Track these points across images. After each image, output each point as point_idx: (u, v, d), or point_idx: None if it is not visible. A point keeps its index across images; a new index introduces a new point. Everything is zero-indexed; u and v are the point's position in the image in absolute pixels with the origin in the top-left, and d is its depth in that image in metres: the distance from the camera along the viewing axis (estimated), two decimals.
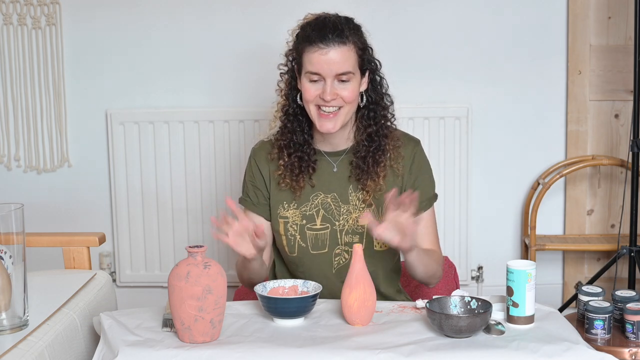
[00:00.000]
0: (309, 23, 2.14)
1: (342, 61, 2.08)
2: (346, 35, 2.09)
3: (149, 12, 3.52)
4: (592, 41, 3.49)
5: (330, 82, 2.09)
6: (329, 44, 2.07)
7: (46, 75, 3.54)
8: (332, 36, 2.07)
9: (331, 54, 2.07)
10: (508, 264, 1.91)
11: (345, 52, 2.08)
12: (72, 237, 2.49)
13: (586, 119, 3.54)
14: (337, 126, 2.13)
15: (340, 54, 2.08)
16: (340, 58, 2.08)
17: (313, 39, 2.09)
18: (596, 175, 3.59)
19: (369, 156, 2.18)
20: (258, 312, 2.00)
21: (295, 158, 2.20)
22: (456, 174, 3.51)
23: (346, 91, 2.10)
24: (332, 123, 2.12)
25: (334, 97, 2.09)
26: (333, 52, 2.07)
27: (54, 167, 3.61)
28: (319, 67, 2.08)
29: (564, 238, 3.56)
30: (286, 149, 2.21)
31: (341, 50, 2.08)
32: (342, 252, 2.23)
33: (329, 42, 2.07)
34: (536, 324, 1.89)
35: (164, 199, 3.57)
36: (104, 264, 3.64)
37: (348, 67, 2.09)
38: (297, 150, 2.21)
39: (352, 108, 2.16)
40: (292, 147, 2.21)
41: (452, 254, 3.49)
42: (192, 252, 1.80)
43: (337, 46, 2.07)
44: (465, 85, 3.53)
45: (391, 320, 1.93)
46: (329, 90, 2.08)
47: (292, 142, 2.21)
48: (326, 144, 2.24)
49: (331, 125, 2.12)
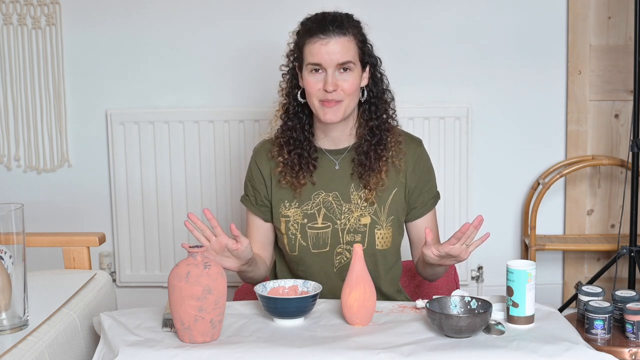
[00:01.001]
0: (309, 18, 2.18)
1: (342, 51, 2.11)
2: (346, 27, 2.13)
3: (149, 12, 3.52)
4: (592, 41, 3.49)
5: (331, 73, 2.11)
6: (329, 35, 2.11)
7: (46, 75, 3.54)
8: (333, 27, 2.11)
9: (332, 44, 2.10)
10: (508, 264, 1.91)
11: (345, 42, 2.11)
12: (72, 237, 2.49)
13: (586, 119, 3.54)
14: (339, 116, 2.15)
15: (340, 44, 2.11)
16: (341, 48, 2.11)
17: (314, 30, 2.12)
18: (596, 175, 3.59)
19: (371, 150, 2.19)
20: (258, 312, 2.00)
21: (295, 155, 2.21)
22: (456, 174, 3.52)
23: (347, 83, 2.12)
24: (334, 113, 2.14)
25: (335, 88, 2.11)
26: (333, 42, 2.11)
27: (54, 167, 3.61)
28: (319, 58, 2.11)
29: (564, 238, 3.56)
30: (286, 146, 2.22)
31: (341, 40, 2.11)
32: (343, 251, 2.23)
33: (329, 32, 2.11)
34: (536, 324, 1.89)
35: (164, 199, 3.57)
36: (104, 264, 3.64)
37: (349, 57, 2.12)
38: (297, 147, 2.21)
39: (353, 101, 2.17)
40: (292, 144, 2.22)
41: None
42: (192, 252, 1.80)
43: (338, 36, 2.11)
44: (465, 85, 3.53)
45: (391, 320, 1.93)
46: (331, 81, 2.11)
47: (292, 139, 2.22)
48: (328, 141, 2.24)
49: (333, 115, 2.14)
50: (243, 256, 2.05)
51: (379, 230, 2.22)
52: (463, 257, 2.01)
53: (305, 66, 2.14)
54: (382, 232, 2.22)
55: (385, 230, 2.22)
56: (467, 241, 1.99)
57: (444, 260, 2.05)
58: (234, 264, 2.08)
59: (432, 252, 2.03)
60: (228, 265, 2.06)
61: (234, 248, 2.01)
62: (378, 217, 2.21)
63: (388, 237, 2.23)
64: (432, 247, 2.02)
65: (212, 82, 3.56)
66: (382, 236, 2.22)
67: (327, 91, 2.11)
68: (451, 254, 2.00)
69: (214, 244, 2.02)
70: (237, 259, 2.06)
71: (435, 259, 2.05)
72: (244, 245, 2.02)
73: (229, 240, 2.02)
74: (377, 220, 2.21)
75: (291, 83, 2.24)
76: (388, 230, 2.22)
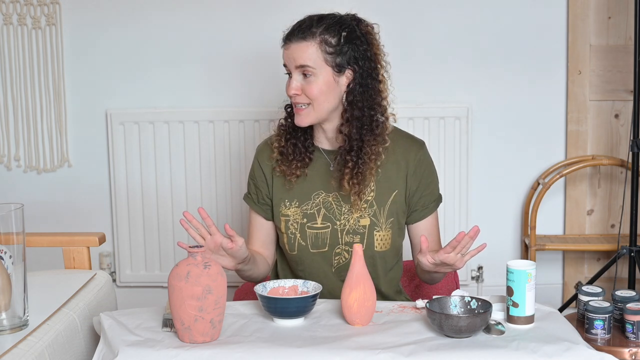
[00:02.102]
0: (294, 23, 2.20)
1: (299, 54, 2.13)
2: (312, 31, 2.13)
3: (149, 12, 3.52)
4: (592, 41, 3.49)
5: (295, 77, 2.15)
6: (292, 40, 2.15)
7: (46, 75, 3.54)
8: (297, 32, 2.15)
9: (292, 48, 2.15)
10: (508, 263, 1.91)
11: (304, 47, 2.13)
12: (72, 237, 2.49)
13: (586, 119, 3.54)
14: (307, 121, 2.17)
15: (299, 48, 2.13)
16: (299, 52, 2.13)
17: (285, 36, 2.18)
18: (596, 175, 3.59)
19: (350, 159, 2.15)
20: (258, 312, 2.00)
21: (290, 144, 2.23)
22: (456, 174, 3.52)
23: (309, 87, 2.14)
24: (301, 118, 2.17)
25: (297, 92, 2.14)
26: (294, 46, 2.14)
27: (54, 167, 3.61)
28: (285, 61, 2.17)
29: (564, 238, 3.56)
30: (284, 136, 2.25)
31: (300, 45, 2.13)
32: (342, 251, 2.23)
33: (292, 37, 2.15)
34: (536, 324, 1.89)
35: (164, 199, 3.57)
36: (104, 264, 3.65)
37: (306, 61, 2.12)
38: (293, 137, 2.24)
39: (323, 105, 2.15)
40: (290, 133, 2.25)
41: None
42: (192, 252, 1.81)
43: (298, 41, 2.14)
44: (465, 85, 3.53)
45: (391, 320, 1.94)
46: (293, 85, 2.15)
47: (291, 129, 2.24)
48: (324, 141, 2.26)
49: (301, 119, 2.17)
50: (238, 255, 2.07)
51: (378, 232, 2.22)
52: (458, 266, 2.03)
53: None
54: (381, 233, 2.22)
55: (384, 232, 2.22)
56: (463, 250, 1.99)
57: (439, 267, 2.07)
58: (230, 262, 2.10)
59: (427, 259, 2.03)
60: (224, 263, 2.08)
61: (229, 247, 2.03)
62: (377, 218, 2.21)
63: (387, 239, 2.23)
64: (428, 255, 2.03)
65: (212, 82, 3.56)
66: (381, 238, 2.22)
67: (288, 94, 2.17)
68: (446, 262, 2.01)
69: (209, 243, 2.04)
70: (232, 257, 2.09)
71: (430, 267, 2.06)
72: (238, 244, 2.03)
73: (223, 239, 2.03)
74: (376, 222, 2.21)
75: None
76: (387, 232, 2.22)
